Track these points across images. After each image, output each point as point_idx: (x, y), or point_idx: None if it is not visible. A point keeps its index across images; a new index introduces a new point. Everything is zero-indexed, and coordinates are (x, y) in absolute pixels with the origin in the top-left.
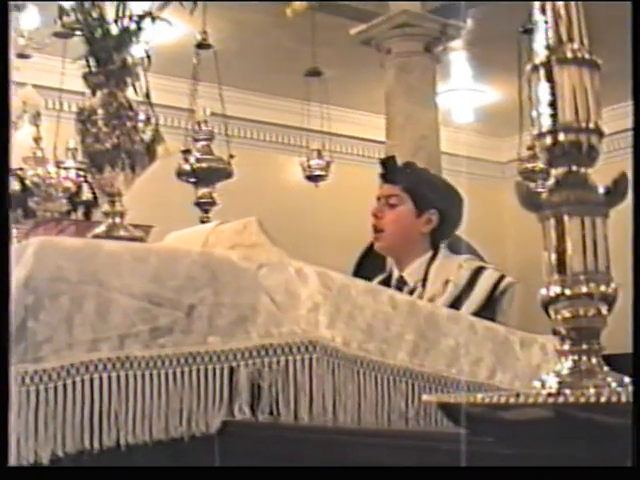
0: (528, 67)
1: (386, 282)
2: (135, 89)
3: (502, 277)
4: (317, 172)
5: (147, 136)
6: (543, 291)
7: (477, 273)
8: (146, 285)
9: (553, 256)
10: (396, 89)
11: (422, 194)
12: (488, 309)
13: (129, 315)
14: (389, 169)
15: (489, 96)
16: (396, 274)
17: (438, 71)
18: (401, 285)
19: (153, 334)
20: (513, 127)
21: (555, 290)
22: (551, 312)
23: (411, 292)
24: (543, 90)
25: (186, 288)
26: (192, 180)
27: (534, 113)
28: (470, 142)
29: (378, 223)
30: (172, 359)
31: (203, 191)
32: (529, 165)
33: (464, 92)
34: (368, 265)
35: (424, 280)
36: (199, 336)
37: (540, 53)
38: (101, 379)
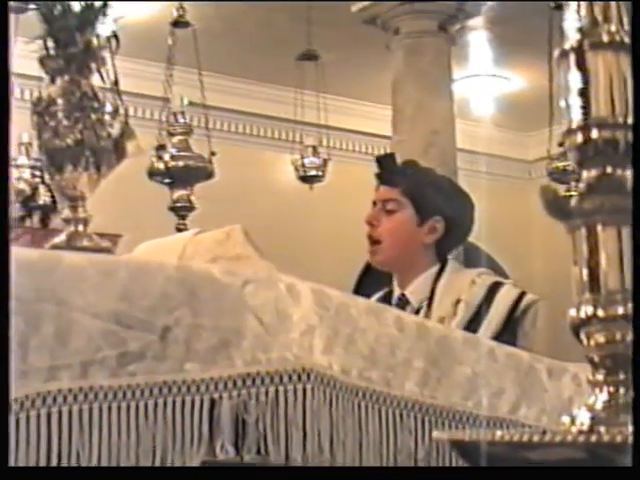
0: (557, 52)
1: (385, 301)
2: (101, 76)
3: (523, 294)
4: (312, 172)
5: (115, 130)
6: (573, 312)
7: (493, 290)
8: (113, 304)
9: (585, 271)
10: (405, 75)
11: (425, 198)
12: (507, 332)
13: (93, 338)
14: (386, 168)
15: (514, 84)
16: (397, 292)
17: (454, 54)
18: (403, 305)
19: (121, 360)
20: (542, 120)
21: (587, 311)
22: (582, 336)
23: (415, 313)
24: (574, 79)
25: (160, 307)
26: (166, 181)
27: (563, 105)
28: (491, 137)
29: (374, 232)
30: (143, 389)
31: (179, 194)
32: (560, 164)
33: (484, 79)
34: (371, 281)
35: (430, 299)
36: (175, 363)
37: (571, 36)
38: (60, 413)
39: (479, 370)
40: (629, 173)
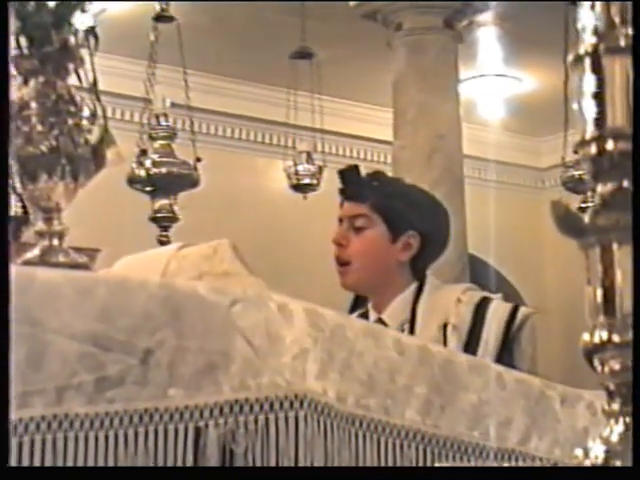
0: (570, 57)
1: None
2: (79, 77)
3: (516, 308)
4: (306, 180)
5: (93, 136)
6: (586, 336)
7: (482, 307)
8: (91, 325)
9: (599, 292)
10: (407, 75)
11: (396, 212)
12: (505, 352)
13: (69, 362)
14: (351, 182)
15: (525, 84)
16: (373, 316)
17: (461, 52)
18: None
19: (99, 386)
20: (556, 124)
21: (601, 335)
22: (596, 363)
23: None
24: (588, 86)
25: (141, 328)
26: (148, 189)
27: (577, 113)
28: (500, 143)
29: (342, 253)
30: (123, 417)
31: (161, 203)
32: (576, 173)
33: (493, 79)
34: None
35: (411, 322)
36: (157, 388)
37: (586, 39)
38: (33, 442)
39: (486, 397)
40: None
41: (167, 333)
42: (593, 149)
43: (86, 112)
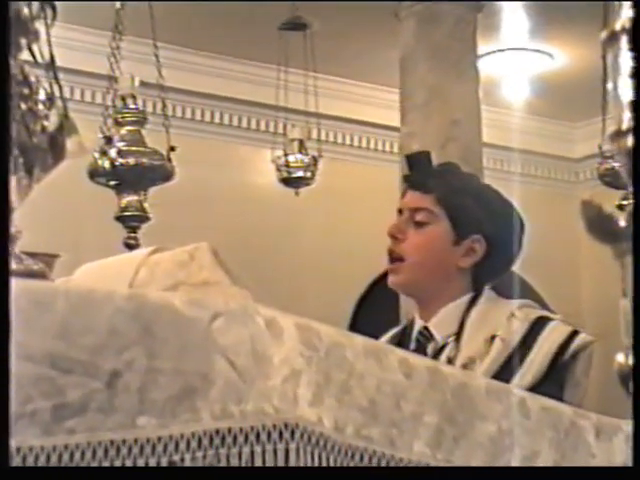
0: (604, 33)
1: (403, 336)
2: (33, 54)
3: (574, 333)
4: (298, 173)
5: (51, 124)
6: (620, 358)
7: (537, 326)
8: (49, 343)
9: (635, 307)
10: (416, 51)
11: (465, 211)
12: (552, 380)
13: (23, 386)
14: (419, 170)
15: (557, 61)
16: (419, 324)
17: (480, 24)
18: (425, 340)
19: (58, 414)
20: (592, 107)
21: (631, 358)
22: (632, 388)
23: (439, 351)
24: (625, 68)
25: (107, 347)
26: (113, 183)
27: (611, 100)
28: (527, 129)
29: (397, 248)
30: (85, 450)
31: (129, 199)
32: (615, 164)
33: (519, 55)
34: (372, 312)
35: (458, 334)
36: (125, 416)
37: (622, 13)
38: None
39: (507, 427)
40: None
41: (137, 352)
42: (629, 141)
43: (42, 95)
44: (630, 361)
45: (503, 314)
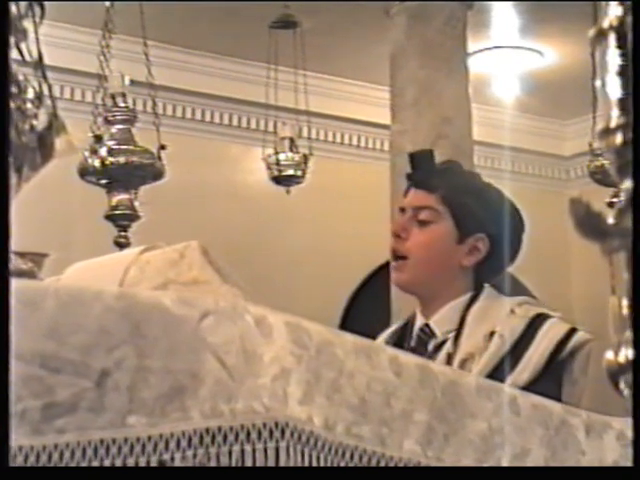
0: (592, 32)
1: (404, 332)
2: (21, 53)
3: (572, 331)
4: (289, 171)
5: (40, 122)
6: (610, 355)
7: (536, 323)
8: (38, 342)
9: (624, 304)
10: (407, 48)
11: (468, 209)
12: (549, 377)
13: (13, 386)
14: (423, 168)
15: (547, 59)
16: (420, 321)
17: (470, 20)
18: (426, 337)
19: (47, 413)
20: (582, 105)
21: (627, 354)
22: (622, 385)
23: (438, 347)
24: (612, 66)
25: (96, 346)
26: (103, 182)
27: (600, 97)
28: (517, 127)
29: (400, 246)
30: (75, 449)
31: (119, 198)
32: (605, 162)
33: (509, 52)
34: (363, 311)
35: (458, 330)
36: (115, 415)
37: (610, 12)
38: None
39: (497, 425)
40: None
41: (126, 351)
42: (618, 139)
43: (31, 93)
44: (620, 358)
45: (503, 311)
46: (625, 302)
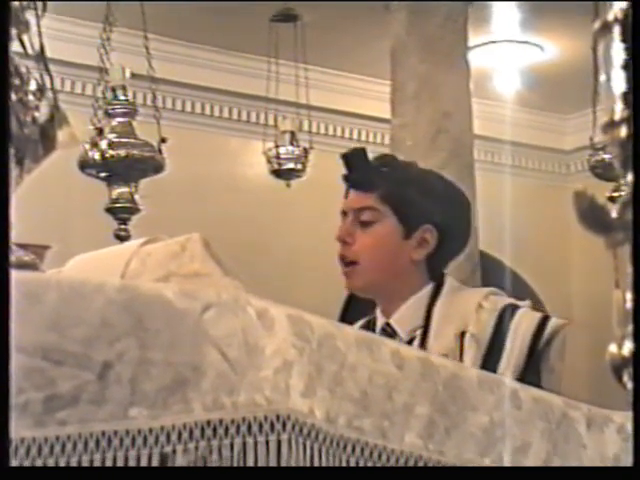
0: (596, 24)
1: (367, 330)
2: (23, 45)
3: (545, 319)
4: (289, 164)
5: (42, 114)
6: (613, 348)
7: (506, 316)
8: (40, 335)
9: (628, 297)
10: (407, 42)
11: (409, 203)
12: (531, 371)
13: (14, 378)
14: (357, 168)
15: (548, 53)
16: (381, 321)
17: (471, 15)
18: (388, 337)
19: (49, 405)
20: (583, 99)
21: (631, 347)
22: (625, 379)
23: None
24: (617, 58)
25: (98, 339)
26: (103, 175)
27: (603, 90)
28: (518, 121)
29: (348, 252)
30: (76, 441)
31: (120, 191)
32: (606, 156)
33: (510, 47)
34: (363, 304)
35: (425, 327)
36: (117, 408)
37: (615, 4)
38: None
39: (499, 418)
40: None
41: (128, 344)
42: (622, 132)
43: (33, 85)
44: (623, 352)
45: (470, 305)
46: (629, 295)
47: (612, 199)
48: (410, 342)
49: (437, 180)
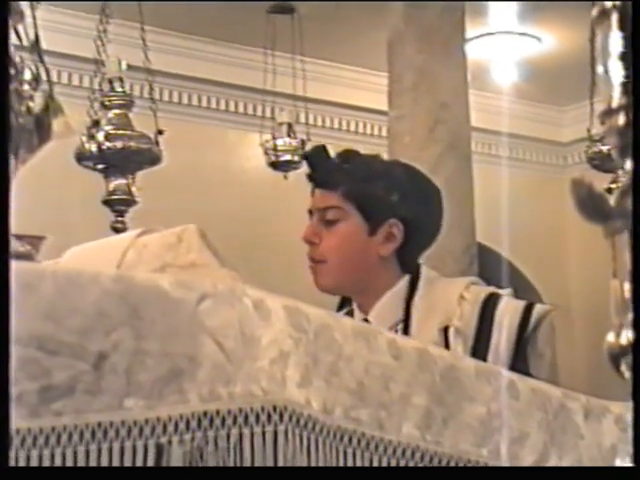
0: (594, 12)
1: None
2: (18, 35)
3: (530, 306)
4: (286, 156)
5: (37, 104)
6: (611, 337)
7: (489, 306)
8: (35, 325)
9: (626, 287)
10: (405, 33)
11: (372, 199)
12: (519, 359)
13: (10, 368)
14: (320, 166)
15: (545, 45)
16: (358, 317)
17: (469, 6)
18: None
19: (44, 396)
20: (580, 90)
21: (629, 336)
22: (623, 368)
23: None
24: (614, 47)
25: (94, 329)
26: (100, 166)
27: (603, 78)
28: (515, 113)
29: (315, 252)
30: (72, 432)
31: (116, 183)
32: (604, 147)
33: (507, 38)
34: None
35: (406, 322)
36: (112, 398)
37: None
38: None
39: (496, 409)
40: None
41: (124, 334)
42: (621, 120)
43: (27, 75)
44: (621, 341)
45: (451, 296)
46: (627, 285)
47: (610, 191)
48: None
49: (402, 173)
